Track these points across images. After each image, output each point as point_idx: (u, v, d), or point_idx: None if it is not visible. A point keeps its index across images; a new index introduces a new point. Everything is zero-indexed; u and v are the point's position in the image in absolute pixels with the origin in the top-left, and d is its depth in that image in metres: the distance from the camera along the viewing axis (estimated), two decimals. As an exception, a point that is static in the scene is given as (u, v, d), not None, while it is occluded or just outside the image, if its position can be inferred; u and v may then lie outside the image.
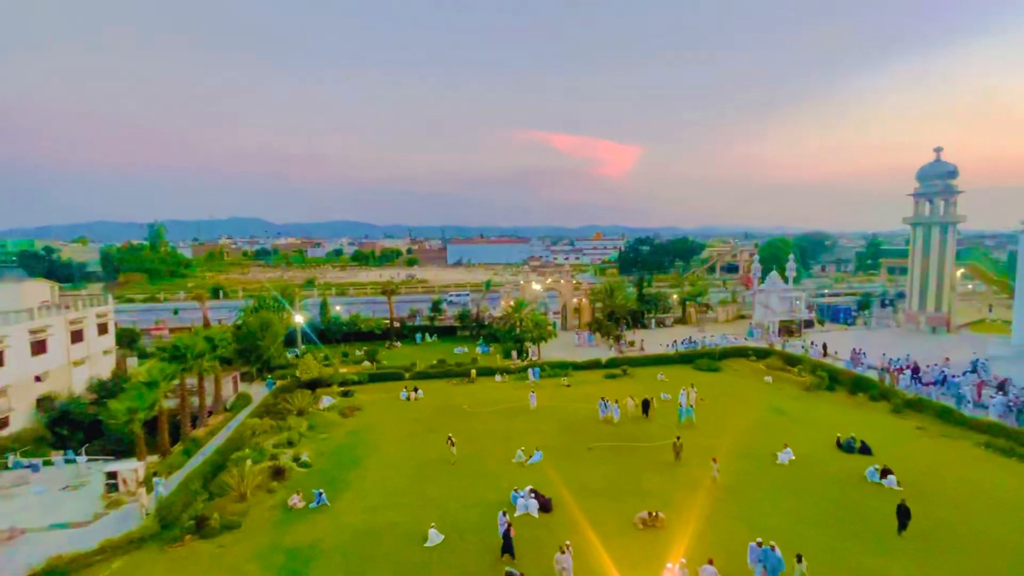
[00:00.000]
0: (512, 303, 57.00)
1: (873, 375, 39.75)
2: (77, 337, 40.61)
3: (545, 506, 22.65)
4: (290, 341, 52.85)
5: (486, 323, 61.88)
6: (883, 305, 73.04)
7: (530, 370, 43.96)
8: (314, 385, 41.91)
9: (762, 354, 48.34)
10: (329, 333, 59.23)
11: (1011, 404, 32.06)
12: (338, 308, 67.93)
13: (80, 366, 40.60)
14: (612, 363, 46.92)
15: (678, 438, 27.59)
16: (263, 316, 45.01)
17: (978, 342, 49.55)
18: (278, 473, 26.43)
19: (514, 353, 49.26)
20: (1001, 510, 21.80)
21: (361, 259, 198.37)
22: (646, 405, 34.24)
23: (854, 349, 46.00)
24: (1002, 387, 35.32)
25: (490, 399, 38.46)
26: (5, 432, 31.76)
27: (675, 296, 71.92)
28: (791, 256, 66.06)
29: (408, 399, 39.02)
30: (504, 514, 20.51)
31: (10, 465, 28.22)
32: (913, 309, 60.44)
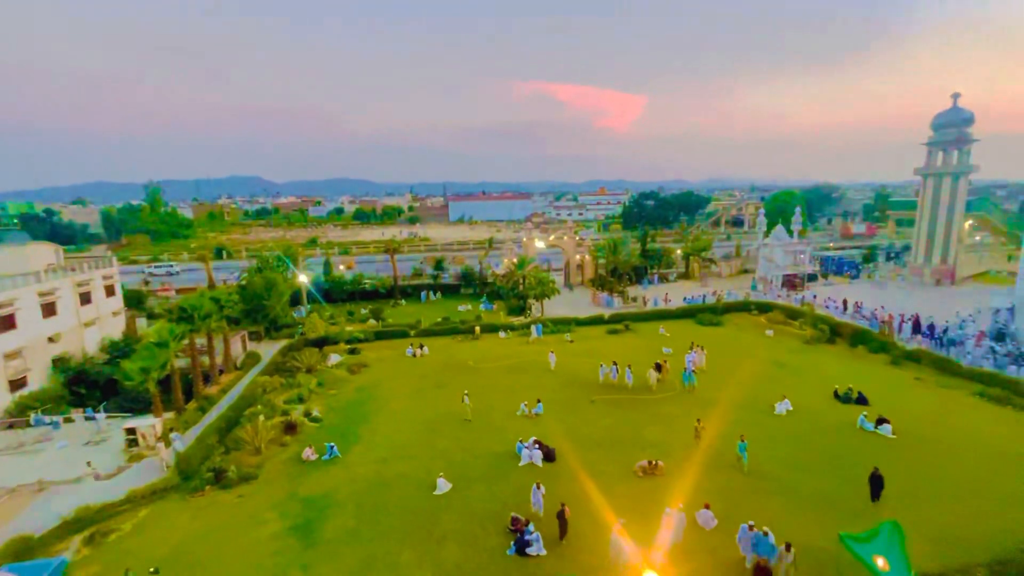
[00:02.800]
0: (515, 260, 56.97)
1: (874, 327, 40.03)
2: (85, 299, 41.05)
3: (549, 456, 23.48)
4: (295, 300, 53.36)
5: (489, 281, 62.09)
6: (889, 258, 72.61)
7: (533, 327, 44.47)
8: (321, 343, 42.66)
9: (764, 308, 48.62)
10: (333, 292, 59.74)
11: (1008, 354, 32.45)
12: (341, 267, 68.10)
13: (91, 327, 41.27)
14: (615, 319, 47.35)
15: (699, 420, 24.87)
16: (267, 276, 45.25)
17: (982, 294, 49.55)
18: (290, 428, 27.38)
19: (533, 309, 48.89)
20: (991, 457, 22.46)
21: (363, 217, 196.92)
22: (658, 369, 32.13)
23: (856, 303, 46.22)
24: (999, 337, 35.63)
25: (494, 355, 39.13)
26: (24, 391, 32.72)
27: (679, 251, 71.60)
28: (797, 209, 65.16)
29: (414, 356, 39.76)
30: (539, 486, 19.32)
31: (32, 423, 29.29)
32: (918, 262, 60.11)
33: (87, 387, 34.16)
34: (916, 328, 39.38)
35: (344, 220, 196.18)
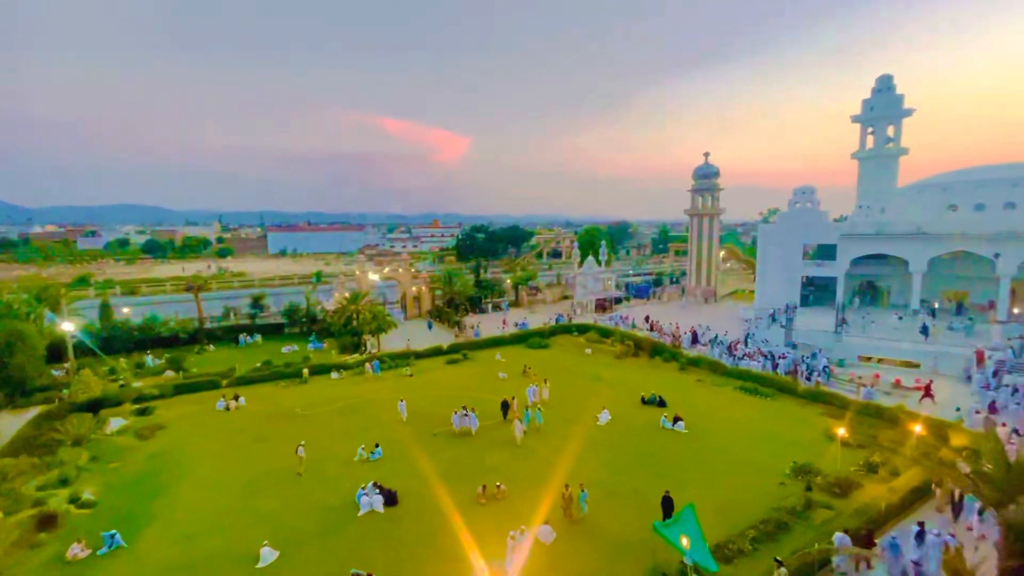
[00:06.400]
0: (347, 295, 54.12)
1: (666, 341, 47.92)
2: None
3: (390, 499, 22.38)
4: (56, 355, 42.29)
5: (318, 318, 57.69)
6: (672, 282, 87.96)
7: (368, 364, 42.50)
8: (96, 406, 34.21)
9: (583, 329, 54.40)
10: (115, 341, 48.87)
11: (750, 355, 41.84)
12: (126, 310, 56.36)
13: None
14: (453, 348, 47.96)
15: (567, 486, 21.45)
16: (10, 326, 35.10)
17: (735, 309, 63.18)
18: (47, 521, 21.22)
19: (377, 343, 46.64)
20: (749, 437, 28.43)
21: (157, 250, 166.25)
22: (505, 407, 31.34)
23: (653, 321, 54.77)
24: (745, 342, 45.75)
25: (326, 398, 36.22)
26: None
27: (508, 281, 76.27)
28: (603, 242, 75.16)
29: (227, 409, 34.53)
30: None
31: None
32: (692, 284, 74.12)
33: None
34: (695, 339, 48.27)
35: (131, 253, 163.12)
